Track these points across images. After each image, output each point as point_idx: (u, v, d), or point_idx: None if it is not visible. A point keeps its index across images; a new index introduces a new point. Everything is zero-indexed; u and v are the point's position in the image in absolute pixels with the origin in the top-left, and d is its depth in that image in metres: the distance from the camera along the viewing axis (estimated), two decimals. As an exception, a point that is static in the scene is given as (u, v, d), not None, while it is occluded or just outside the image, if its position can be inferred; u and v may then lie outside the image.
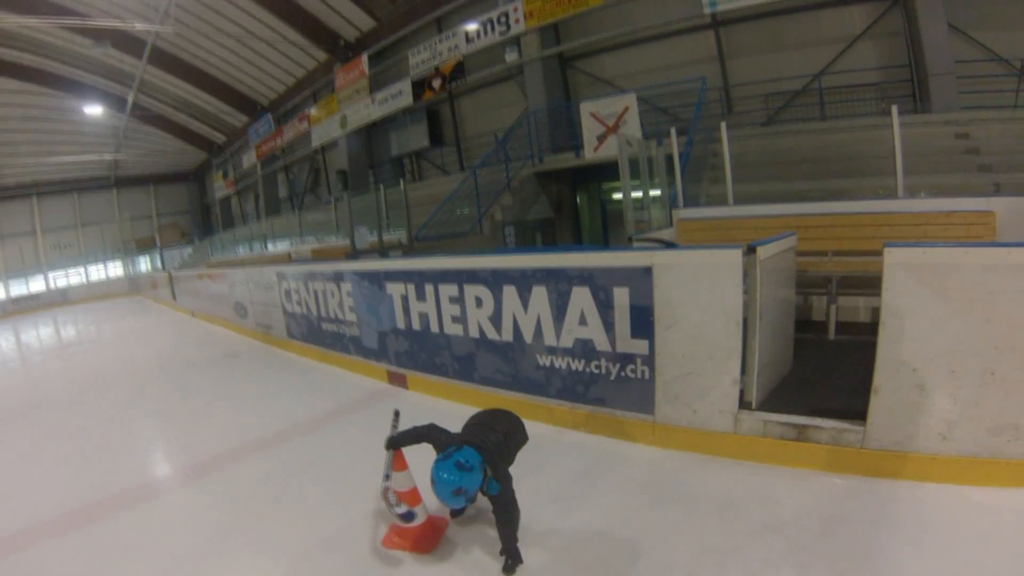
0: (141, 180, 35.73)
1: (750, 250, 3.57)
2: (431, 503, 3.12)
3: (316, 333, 7.71)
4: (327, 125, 21.20)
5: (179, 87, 26.48)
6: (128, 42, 20.00)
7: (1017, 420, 2.98)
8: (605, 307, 3.99)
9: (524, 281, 4.41)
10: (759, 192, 8.14)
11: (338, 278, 6.77)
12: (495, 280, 4.63)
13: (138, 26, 16.11)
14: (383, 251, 9.58)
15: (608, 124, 11.47)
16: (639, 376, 3.92)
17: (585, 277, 4.04)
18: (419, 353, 5.67)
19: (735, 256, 3.51)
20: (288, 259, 12.93)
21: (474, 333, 4.96)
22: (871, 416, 3.28)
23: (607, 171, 13.01)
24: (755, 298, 3.61)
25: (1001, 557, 2.56)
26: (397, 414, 3.33)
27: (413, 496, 3.06)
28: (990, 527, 2.77)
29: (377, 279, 5.98)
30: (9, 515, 4.16)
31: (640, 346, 3.86)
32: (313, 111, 21.82)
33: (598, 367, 4.12)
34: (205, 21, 19.92)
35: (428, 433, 2.96)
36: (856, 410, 3.39)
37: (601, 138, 11.58)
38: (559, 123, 13.91)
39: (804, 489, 3.29)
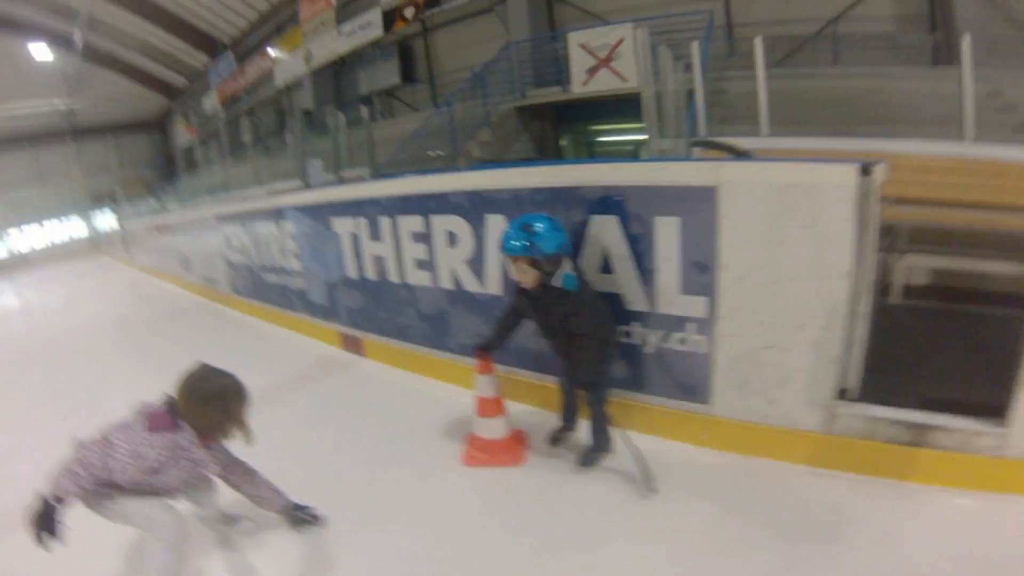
0: (100, 130, 32.73)
1: (864, 170, 2.39)
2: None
3: (260, 287, 6.44)
4: (291, 62, 19.65)
5: (132, 23, 23.99)
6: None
7: None
8: (641, 247, 2.78)
9: (517, 208, 3.13)
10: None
11: (278, 216, 5.44)
12: (473, 207, 3.38)
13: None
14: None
15: (600, 56, 10.35)
16: (691, 349, 2.73)
17: (611, 202, 2.80)
18: (376, 311, 4.42)
19: (847, 176, 2.34)
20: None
21: (446, 283, 3.72)
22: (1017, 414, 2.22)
23: (595, 111, 12.18)
24: (867, 239, 2.44)
25: None
26: None
27: (497, 405, 2.93)
28: None
29: (321, 214, 4.66)
30: None
31: (694, 306, 2.66)
32: (276, 46, 20.08)
33: (628, 335, 2.94)
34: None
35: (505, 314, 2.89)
36: (979, 404, 2.36)
37: (592, 71, 10.45)
38: (543, 58, 12.69)
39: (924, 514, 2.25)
